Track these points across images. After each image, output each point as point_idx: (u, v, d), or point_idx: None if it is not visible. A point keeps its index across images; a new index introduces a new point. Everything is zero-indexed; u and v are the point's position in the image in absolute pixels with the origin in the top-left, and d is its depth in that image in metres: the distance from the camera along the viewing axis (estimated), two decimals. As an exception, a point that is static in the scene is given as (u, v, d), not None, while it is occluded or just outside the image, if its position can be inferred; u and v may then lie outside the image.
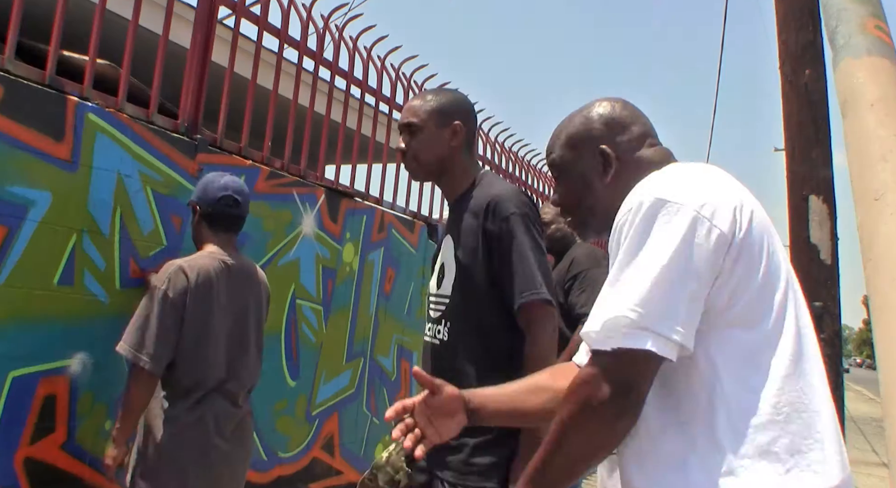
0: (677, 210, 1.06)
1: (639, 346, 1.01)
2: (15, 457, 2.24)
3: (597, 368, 1.05)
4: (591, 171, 1.31)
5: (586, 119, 1.34)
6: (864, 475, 8.33)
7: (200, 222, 2.44)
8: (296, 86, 3.58)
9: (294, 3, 3.42)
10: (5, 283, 2.21)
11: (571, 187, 1.35)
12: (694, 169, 1.19)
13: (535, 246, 1.80)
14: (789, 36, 3.94)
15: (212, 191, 2.42)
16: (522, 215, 1.81)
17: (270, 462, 3.27)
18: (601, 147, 1.30)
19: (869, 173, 1.80)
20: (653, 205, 1.07)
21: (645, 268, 1.04)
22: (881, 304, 1.67)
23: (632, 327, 1.02)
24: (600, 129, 1.32)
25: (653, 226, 1.06)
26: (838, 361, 3.71)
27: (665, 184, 1.12)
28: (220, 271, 2.35)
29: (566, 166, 1.35)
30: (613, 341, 1.03)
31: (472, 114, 2.01)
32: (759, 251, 1.08)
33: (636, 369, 1.03)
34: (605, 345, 1.04)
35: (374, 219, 4.02)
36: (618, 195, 1.26)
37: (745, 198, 1.13)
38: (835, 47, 2.08)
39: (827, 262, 3.70)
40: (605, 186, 1.30)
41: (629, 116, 1.33)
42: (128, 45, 2.73)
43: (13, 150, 2.23)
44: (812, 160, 3.79)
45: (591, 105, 1.36)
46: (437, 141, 1.94)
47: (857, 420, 15.30)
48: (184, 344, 2.23)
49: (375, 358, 4.04)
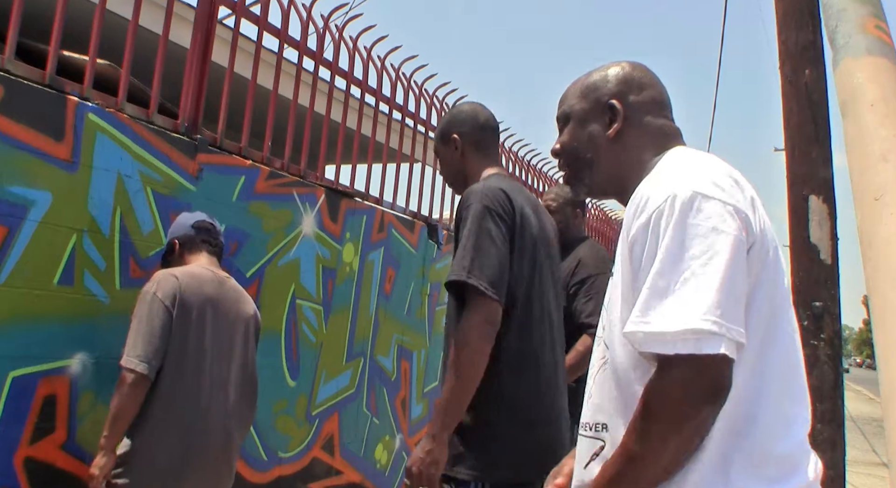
0: (722, 207, 1.05)
1: (717, 352, 1.00)
2: (15, 457, 2.24)
3: (680, 377, 1.01)
4: (597, 124, 1.31)
5: (604, 74, 1.34)
6: (864, 475, 8.33)
7: (182, 253, 2.47)
8: (296, 86, 3.58)
9: (294, 3, 3.42)
10: (5, 283, 2.21)
11: (574, 136, 1.34)
12: (710, 160, 1.18)
13: (482, 234, 1.83)
14: (789, 36, 3.94)
15: (184, 222, 2.50)
16: (482, 207, 1.86)
17: (270, 462, 3.27)
18: (611, 101, 1.29)
19: (869, 173, 1.80)
20: (692, 199, 1.06)
21: (708, 270, 1.02)
22: (881, 304, 1.67)
23: (708, 334, 1.00)
24: (614, 85, 1.31)
25: (699, 222, 1.04)
26: (838, 361, 3.71)
27: (696, 176, 1.10)
28: (212, 280, 2.36)
29: (574, 115, 1.34)
30: (688, 346, 1.00)
31: (470, 120, 2.16)
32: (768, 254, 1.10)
33: (721, 372, 1.01)
34: (682, 350, 1.01)
35: (374, 219, 4.02)
36: (619, 154, 1.29)
37: (755, 197, 1.15)
38: (835, 47, 2.08)
39: (827, 262, 3.70)
40: (607, 141, 1.29)
41: (646, 80, 1.33)
42: (128, 45, 2.73)
43: (13, 150, 2.23)
44: (812, 160, 3.79)
45: (611, 63, 1.36)
46: (448, 159, 2.17)
47: (857, 420, 15.30)
48: (174, 346, 2.22)
49: (375, 358, 4.04)
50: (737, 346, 1.02)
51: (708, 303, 1.00)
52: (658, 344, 1.03)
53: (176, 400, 2.22)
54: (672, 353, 1.01)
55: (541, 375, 1.93)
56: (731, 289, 1.02)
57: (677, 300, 1.02)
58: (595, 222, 7.38)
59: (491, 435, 1.84)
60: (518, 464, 1.83)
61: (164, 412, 2.21)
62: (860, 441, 11.69)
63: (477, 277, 1.78)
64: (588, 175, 1.32)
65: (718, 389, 1.01)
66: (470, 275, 1.79)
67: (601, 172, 1.31)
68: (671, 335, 1.01)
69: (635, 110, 1.29)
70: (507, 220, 1.88)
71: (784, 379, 1.10)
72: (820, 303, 3.63)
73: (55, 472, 2.36)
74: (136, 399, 2.15)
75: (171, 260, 2.48)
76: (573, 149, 1.34)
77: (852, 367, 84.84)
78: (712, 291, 1.01)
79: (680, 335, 1.00)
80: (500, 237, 1.85)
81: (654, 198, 1.10)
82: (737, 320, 1.02)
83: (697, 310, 1.00)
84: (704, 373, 1.01)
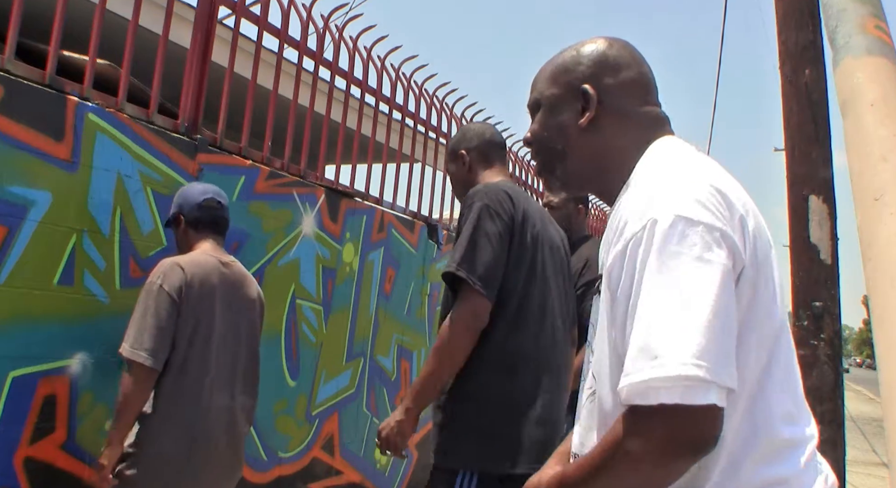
0: (708, 234, 0.93)
1: (706, 402, 0.88)
2: (15, 457, 2.24)
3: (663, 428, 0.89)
4: (568, 112, 1.16)
5: (576, 54, 1.18)
6: (864, 475, 8.33)
7: (187, 230, 2.42)
8: (296, 86, 3.58)
9: (294, 3, 3.42)
10: (5, 283, 2.21)
11: (543, 125, 1.19)
12: (694, 164, 1.06)
13: (479, 230, 1.90)
14: (789, 36, 3.94)
15: (192, 197, 2.43)
16: (482, 205, 1.93)
17: (270, 462, 3.27)
18: (583, 86, 1.14)
19: (869, 173, 1.80)
20: (673, 225, 0.93)
21: (694, 308, 0.90)
22: (881, 304, 1.67)
23: (696, 381, 0.88)
24: (587, 67, 1.15)
25: (682, 251, 0.92)
26: (838, 361, 3.71)
27: (678, 192, 0.97)
28: (215, 268, 2.34)
29: (544, 102, 1.19)
30: (673, 396, 0.88)
31: (476, 137, 2.24)
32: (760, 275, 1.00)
33: (711, 424, 0.90)
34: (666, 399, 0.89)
35: (373, 219, 4.02)
36: (594, 145, 1.14)
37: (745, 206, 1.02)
38: (835, 47, 2.08)
39: (827, 262, 3.70)
40: (579, 131, 1.14)
41: (625, 59, 1.16)
42: (128, 45, 2.73)
43: (13, 150, 2.23)
44: (812, 160, 3.79)
45: (585, 41, 1.19)
46: (457, 175, 2.27)
47: (857, 420, 15.30)
48: (181, 338, 2.20)
49: (375, 358, 4.04)
50: (727, 393, 0.91)
51: (696, 346, 0.88)
52: (639, 396, 0.90)
53: (182, 392, 2.22)
54: (655, 403, 0.89)
55: (540, 376, 1.94)
56: (721, 328, 0.90)
57: (661, 344, 0.89)
58: (595, 222, 7.37)
59: (476, 427, 1.89)
60: (504, 458, 1.86)
61: (170, 404, 2.20)
62: (860, 441, 11.69)
63: (467, 271, 1.85)
64: (560, 167, 1.19)
65: (705, 442, 0.90)
66: (459, 268, 1.86)
67: (574, 165, 1.17)
68: (656, 382, 0.89)
69: (611, 95, 1.14)
70: (506, 219, 1.92)
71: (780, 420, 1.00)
72: (820, 303, 3.63)
73: (55, 472, 2.36)
74: (143, 392, 2.15)
75: (176, 233, 2.47)
76: (543, 139, 1.19)
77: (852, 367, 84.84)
78: (700, 333, 0.88)
79: (664, 382, 0.88)
80: (497, 235, 1.90)
81: (631, 224, 0.98)
82: (727, 363, 0.90)
83: (684, 354, 0.88)
84: (692, 426, 0.89)
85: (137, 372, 2.13)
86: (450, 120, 4.85)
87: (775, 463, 0.98)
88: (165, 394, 2.20)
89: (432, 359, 1.89)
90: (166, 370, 2.19)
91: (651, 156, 1.11)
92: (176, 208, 2.45)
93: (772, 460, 0.98)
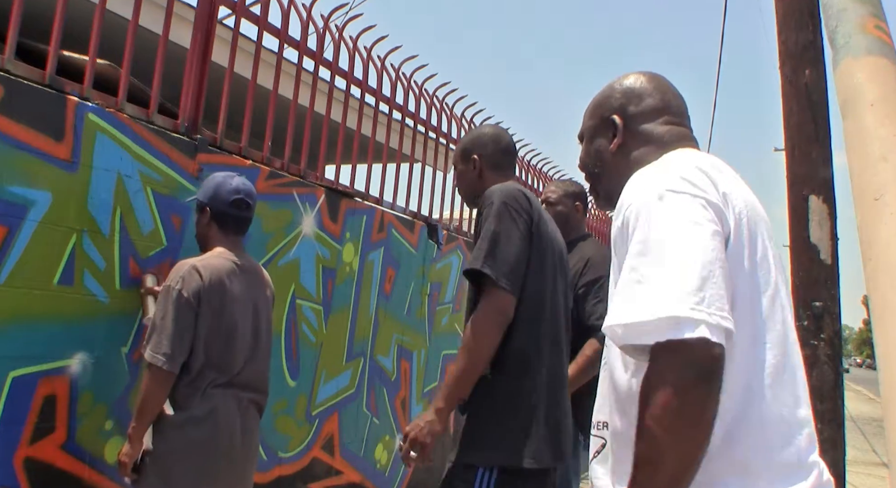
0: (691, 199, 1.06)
1: (698, 335, 0.96)
2: (15, 457, 2.24)
3: (666, 363, 0.98)
4: (603, 139, 1.36)
5: (610, 89, 1.38)
6: (864, 475, 8.33)
7: (210, 223, 2.46)
8: (296, 86, 3.58)
9: (294, 3, 3.42)
10: (5, 283, 2.21)
11: (587, 152, 1.41)
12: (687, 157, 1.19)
13: (502, 228, 1.92)
14: (789, 36, 3.94)
15: (224, 194, 2.44)
16: (502, 203, 1.96)
17: (270, 462, 3.27)
18: (611, 117, 1.34)
19: (869, 173, 1.80)
20: (660, 196, 1.07)
21: (682, 257, 1.00)
22: (881, 304, 1.67)
23: (687, 320, 0.96)
24: (617, 99, 1.35)
25: (669, 215, 1.05)
26: (838, 361, 3.71)
27: (666, 174, 1.12)
28: (232, 271, 2.39)
29: (587, 133, 1.40)
30: (666, 333, 0.97)
31: (491, 142, 2.25)
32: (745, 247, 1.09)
33: (708, 352, 0.96)
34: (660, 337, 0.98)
35: (374, 219, 4.02)
36: (621, 166, 1.31)
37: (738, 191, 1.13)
38: (835, 47, 2.08)
39: (827, 262, 3.70)
40: (611, 154, 1.34)
41: (648, 89, 1.34)
42: (128, 45, 2.73)
43: (13, 150, 2.23)
44: (812, 160, 3.79)
45: (622, 76, 1.40)
46: (465, 176, 2.28)
47: (857, 420, 15.30)
48: (197, 342, 2.27)
49: (375, 358, 4.04)
50: (725, 333, 0.98)
51: (685, 288, 0.97)
52: (637, 335, 1.00)
53: (201, 392, 2.27)
54: (653, 342, 0.98)
55: (547, 374, 1.98)
56: (710, 274, 0.99)
57: (651, 289, 1.00)
58: (595, 222, 7.38)
59: (495, 424, 1.91)
60: (522, 454, 1.88)
61: (189, 403, 2.27)
62: (860, 441, 11.69)
63: (491, 267, 1.88)
64: (601, 187, 1.39)
65: (708, 368, 0.96)
66: (485, 265, 1.89)
67: (609, 183, 1.35)
68: (650, 324, 0.98)
69: (636, 121, 1.32)
70: (526, 218, 1.97)
71: (779, 378, 1.07)
72: (820, 303, 3.63)
73: (55, 472, 2.36)
74: (162, 394, 2.23)
75: (198, 221, 2.50)
76: (587, 165, 1.41)
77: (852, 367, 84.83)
78: (688, 277, 0.98)
79: (657, 323, 0.97)
80: (518, 233, 1.93)
81: (626, 200, 1.13)
82: (720, 305, 0.98)
83: (673, 296, 0.97)
84: (689, 355, 0.96)
85: (156, 374, 2.21)
86: (450, 120, 4.85)
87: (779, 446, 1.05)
88: (185, 395, 2.27)
89: (463, 358, 1.89)
90: (186, 371, 2.26)
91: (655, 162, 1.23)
92: (204, 199, 2.47)
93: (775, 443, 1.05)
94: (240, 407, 2.36)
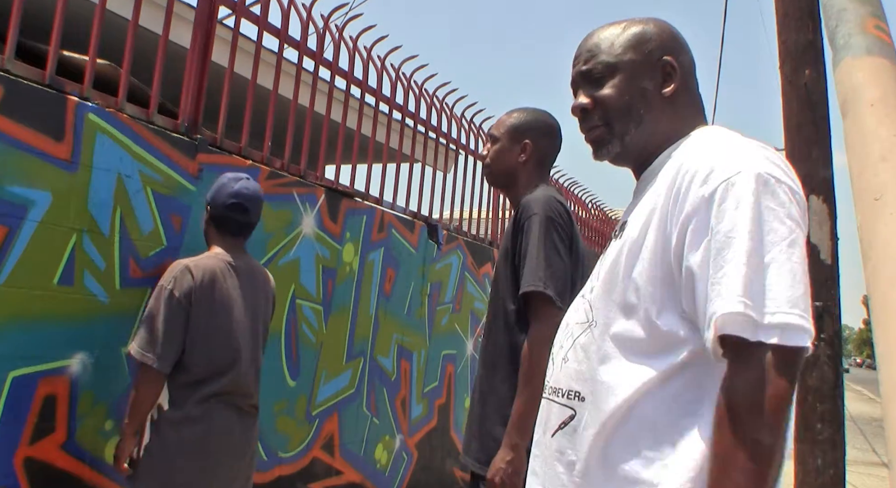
0: (792, 195, 1.02)
1: (802, 344, 0.96)
2: (15, 457, 2.24)
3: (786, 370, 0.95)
4: (651, 80, 1.18)
5: (647, 28, 1.21)
6: (864, 475, 8.33)
7: (209, 223, 2.51)
8: (296, 86, 3.58)
9: (294, 3, 3.42)
10: (5, 283, 2.21)
11: (624, 90, 1.18)
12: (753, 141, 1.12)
13: (549, 246, 1.88)
14: (789, 36, 3.94)
15: (222, 197, 2.46)
16: (544, 217, 1.91)
17: (270, 462, 3.27)
18: (665, 57, 1.18)
19: (869, 173, 1.80)
20: (766, 180, 1.00)
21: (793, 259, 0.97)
22: (881, 304, 1.67)
23: (799, 328, 0.95)
24: (666, 41, 1.19)
25: (776, 206, 0.99)
26: (838, 361, 3.71)
27: (761, 156, 1.04)
28: (225, 271, 2.40)
29: (622, 67, 1.18)
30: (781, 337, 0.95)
31: (548, 135, 2.15)
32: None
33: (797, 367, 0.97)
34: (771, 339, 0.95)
35: (374, 219, 4.02)
36: (669, 115, 1.18)
37: None
38: (835, 47, 2.08)
39: (827, 262, 3.70)
40: (661, 99, 1.17)
41: (686, 43, 1.22)
42: (128, 45, 2.73)
43: (13, 150, 2.23)
44: (812, 160, 3.80)
45: (645, 18, 1.23)
46: (507, 154, 2.13)
47: (857, 420, 15.29)
48: (190, 342, 2.28)
49: (375, 358, 4.04)
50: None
51: (797, 293, 0.96)
52: (750, 329, 0.95)
53: (194, 389, 2.28)
54: (755, 340, 0.95)
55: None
56: (806, 281, 0.98)
57: (771, 289, 0.96)
58: (595, 222, 7.36)
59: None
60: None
61: (182, 401, 2.28)
62: (860, 441, 11.68)
63: (552, 288, 1.85)
64: (632, 134, 1.18)
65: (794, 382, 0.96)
66: (547, 287, 1.84)
67: (645, 132, 1.18)
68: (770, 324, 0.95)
69: (685, 72, 1.19)
70: (568, 232, 1.95)
71: None
72: (820, 303, 3.63)
73: (55, 472, 2.36)
74: (153, 392, 2.27)
75: (204, 222, 2.54)
76: (623, 104, 1.18)
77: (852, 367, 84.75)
78: (798, 282, 0.97)
79: (777, 324, 0.94)
80: (564, 249, 1.92)
81: (720, 169, 1.02)
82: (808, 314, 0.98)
83: (790, 300, 0.95)
84: (798, 364, 0.97)
85: (147, 373, 2.24)
86: (450, 120, 4.85)
87: None
88: (181, 393, 2.28)
89: (526, 386, 1.82)
90: (181, 370, 2.28)
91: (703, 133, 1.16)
92: (208, 198, 2.52)
93: None
94: (236, 407, 2.37)
